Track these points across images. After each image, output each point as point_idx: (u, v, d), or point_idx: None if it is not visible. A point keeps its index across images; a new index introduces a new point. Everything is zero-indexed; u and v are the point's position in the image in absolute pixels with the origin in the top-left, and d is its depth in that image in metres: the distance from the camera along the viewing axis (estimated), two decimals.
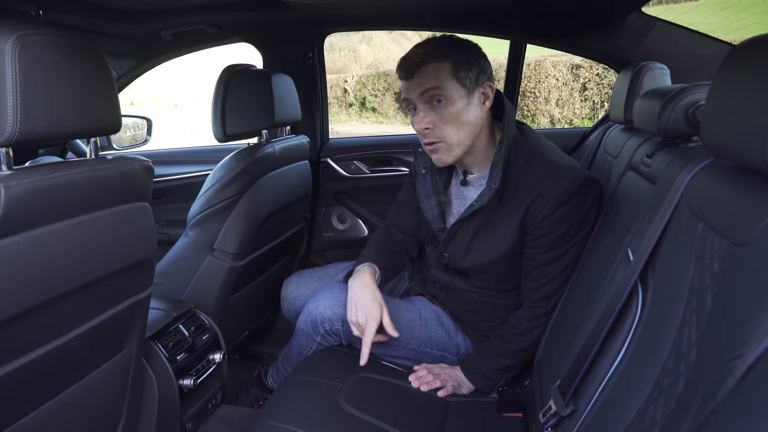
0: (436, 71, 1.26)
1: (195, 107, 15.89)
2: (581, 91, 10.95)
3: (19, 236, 0.79)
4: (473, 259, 1.39)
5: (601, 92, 10.76)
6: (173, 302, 1.54)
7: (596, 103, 10.88)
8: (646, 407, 0.77)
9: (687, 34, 1.68)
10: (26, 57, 0.77)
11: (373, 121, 13.21)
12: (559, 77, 11.02)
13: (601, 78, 10.71)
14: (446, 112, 1.28)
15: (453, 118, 1.28)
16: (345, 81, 13.32)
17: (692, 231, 0.78)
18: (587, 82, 10.86)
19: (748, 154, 0.64)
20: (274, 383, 1.75)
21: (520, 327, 1.40)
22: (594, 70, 10.70)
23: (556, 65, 10.93)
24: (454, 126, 1.29)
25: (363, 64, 15.01)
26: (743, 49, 0.70)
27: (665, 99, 1.04)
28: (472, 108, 1.29)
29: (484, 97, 1.31)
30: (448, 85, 1.26)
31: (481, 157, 1.38)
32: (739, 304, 0.60)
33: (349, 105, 13.45)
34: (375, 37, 15.48)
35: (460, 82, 1.26)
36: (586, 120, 10.91)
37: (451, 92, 1.26)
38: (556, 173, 1.28)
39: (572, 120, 11.00)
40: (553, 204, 1.27)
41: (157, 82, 15.15)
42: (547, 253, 1.32)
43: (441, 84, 1.26)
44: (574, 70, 10.87)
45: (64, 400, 1.02)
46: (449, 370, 1.46)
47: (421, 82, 1.27)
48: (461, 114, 1.28)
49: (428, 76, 1.26)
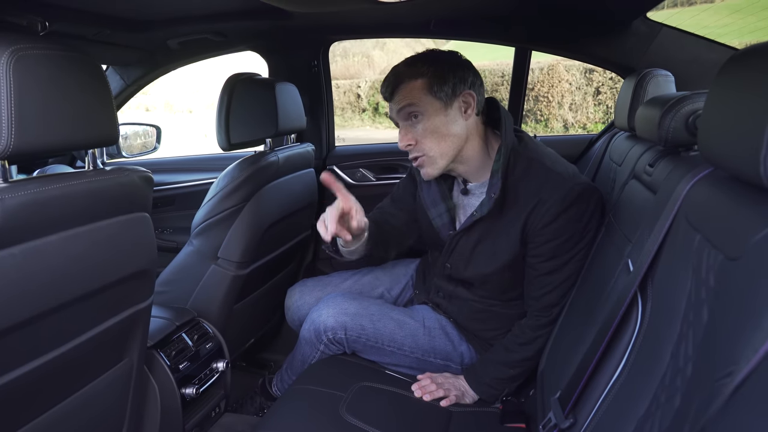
0: (411, 89, 1.30)
1: (210, 113, 16.02)
2: (594, 96, 10.88)
3: (15, 248, 0.80)
4: (475, 270, 1.39)
5: (614, 96, 10.67)
6: (177, 311, 1.54)
7: (609, 107, 10.80)
8: (643, 422, 0.76)
9: (693, 40, 1.66)
10: (21, 71, 0.77)
11: (386, 126, 13.21)
12: (573, 81, 10.95)
13: (614, 82, 10.63)
14: (423, 126, 1.31)
15: (431, 132, 1.30)
16: (358, 86, 13.36)
17: (690, 243, 0.77)
18: (600, 86, 10.79)
19: (743, 165, 0.63)
20: (279, 392, 1.75)
21: (523, 336, 1.39)
22: (608, 74, 10.62)
23: (569, 69, 10.88)
24: (434, 139, 1.31)
25: (377, 70, 15.04)
26: (738, 58, 0.69)
27: (665, 107, 1.02)
28: (452, 119, 1.30)
29: (466, 105, 1.31)
30: (423, 100, 1.29)
31: (476, 166, 1.37)
32: (732, 320, 0.59)
33: (362, 110, 13.48)
34: (389, 42, 15.51)
35: (434, 96, 1.29)
36: (599, 124, 10.83)
37: (426, 107, 1.29)
38: (555, 180, 1.27)
39: (586, 124, 10.92)
40: (554, 211, 1.26)
41: (172, 88, 15.30)
42: (548, 262, 1.32)
43: (414, 101, 1.29)
44: (588, 74, 10.81)
45: (65, 409, 1.03)
46: (453, 379, 1.45)
47: (398, 100, 1.32)
48: (440, 127, 1.30)
49: (403, 94, 1.31)
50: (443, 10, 1.70)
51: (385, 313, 1.49)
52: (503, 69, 10.72)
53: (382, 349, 1.47)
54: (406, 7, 1.65)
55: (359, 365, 1.49)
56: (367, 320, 1.46)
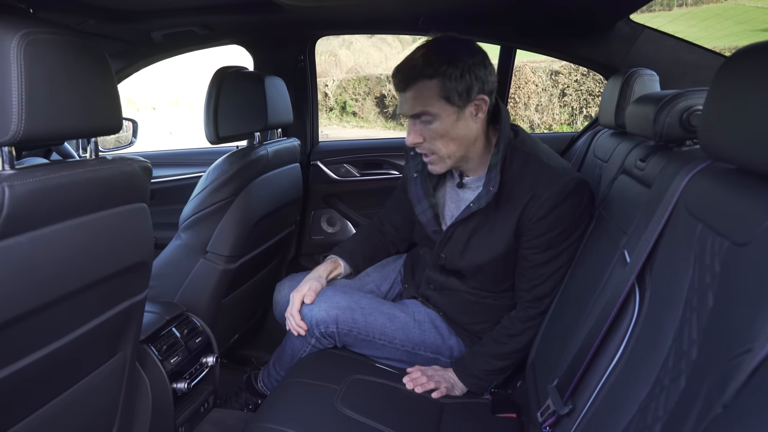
0: (424, 90, 1.26)
1: (173, 110, 15.73)
2: (560, 97, 11.10)
3: (22, 236, 0.78)
4: (470, 260, 1.41)
5: (579, 98, 10.92)
6: (166, 305, 1.52)
7: (575, 109, 11.03)
8: (647, 404, 0.78)
9: (673, 41, 1.72)
10: (31, 55, 0.76)
11: (354, 125, 13.23)
12: (539, 83, 11.16)
13: (579, 84, 10.87)
14: (435, 129, 1.30)
15: (442, 135, 1.30)
16: (326, 85, 13.34)
17: (691, 232, 0.80)
18: (566, 88, 11.01)
19: (750, 156, 0.67)
20: (265, 387, 1.74)
21: (513, 328, 1.41)
22: (573, 76, 10.86)
23: (535, 71, 11.07)
24: (444, 141, 1.31)
25: (343, 69, 15.04)
26: (742, 55, 0.72)
27: (660, 104, 1.06)
28: (463, 123, 1.30)
29: (477, 109, 1.30)
30: (436, 105, 1.27)
31: (477, 161, 1.40)
32: (743, 302, 0.62)
33: (329, 109, 13.47)
34: (355, 41, 15.51)
35: (448, 101, 1.27)
36: (564, 126, 11.05)
37: (439, 112, 1.28)
38: (551, 175, 1.31)
39: (551, 125, 11.13)
40: (549, 205, 1.29)
41: (134, 85, 14.97)
42: (542, 254, 1.35)
43: (428, 108, 1.27)
44: (554, 76, 11.02)
45: (59, 405, 1.01)
46: (442, 372, 1.46)
47: (411, 102, 1.29)
48: (450, 130, 1.30)
49: (416, 94, 1.28)
50: (432, 6, 1.72)
51: (375, 307, 1.50)
52: None
53: (373, 342, 1.48)
54: (396, 3, 1.67)
55: (350, 358, 1.50)
56: (358, 314, 1.47)
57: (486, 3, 1.67)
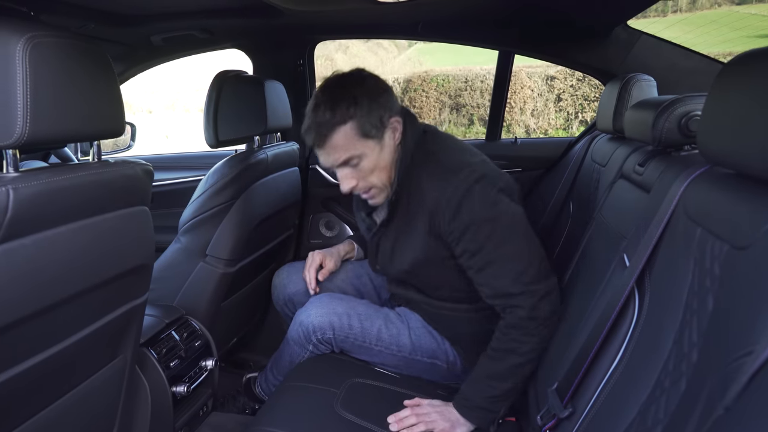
0: (342, 137, 1.27)
1: (169, 113, 15.71)
2: (556, 102, 11.14)
3: (26, 239, 0.78)
4: (399, 265, 1.41)
5: (575, 103, 10.95)
6: (165, 308, 1.52)
7: (570, 113, 11.06)
8: (647, 407, 0.79)
9: (669, 47, 1.74)
10: (36, 58, 0.76)
11: None
12: (534, 88, 11.19)
13: (575, 89, 10.90)
14: (364, 167, 1.31)
15: (372, 169, 1.32)
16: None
17: (690, 236, 0.81)
18: (562, 93, 11.04)
19: (749, 161, 0.67)
20: (263, 392, 1.73)
21: (503, 339, 1.27)
22: (568, 81, 10.89)
23: (531, 76, 11.10)
24: (377, 173, 1.33)
25: None
26: (741, 60, 0.73)
27: (659, 109, 1.07)
28: (387, 150, 1.32)
29: (394, 131, 1.33)
30: (358, 146, 1.28)
31: None
32: (744, 305, 0.63)
33: None
34: (351, 45, 15.53)
35: (367, 137, 1.28)
36: (560, 130, 11.08)
37: (364, 150, 1.29)
38: (447, 174, 1.27)
39: (547, 130, 11.16)
40: (453, 204, 1.25)
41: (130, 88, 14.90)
42: (476, 257, 1.27)
43: (352, 152, 1.29)
44: (549, 81, 11.05)
45: (59, 408, 1.00)
46: (442, 407, 1.31)
47: (333, 153, 1.30)
48: (379, 162, 1.31)
49: (337, 145, 1.28)
50: (432, 12, 1.73)
51: (372, 314, 1.50)
52: (466, 74, 10.88)
53: (369, 348, 1.48)
54: (396, 8, 1.68)
55: (349, 362, 1.50)
56: (355, 320, 1.47)
57: (484, 9, 1.68)
